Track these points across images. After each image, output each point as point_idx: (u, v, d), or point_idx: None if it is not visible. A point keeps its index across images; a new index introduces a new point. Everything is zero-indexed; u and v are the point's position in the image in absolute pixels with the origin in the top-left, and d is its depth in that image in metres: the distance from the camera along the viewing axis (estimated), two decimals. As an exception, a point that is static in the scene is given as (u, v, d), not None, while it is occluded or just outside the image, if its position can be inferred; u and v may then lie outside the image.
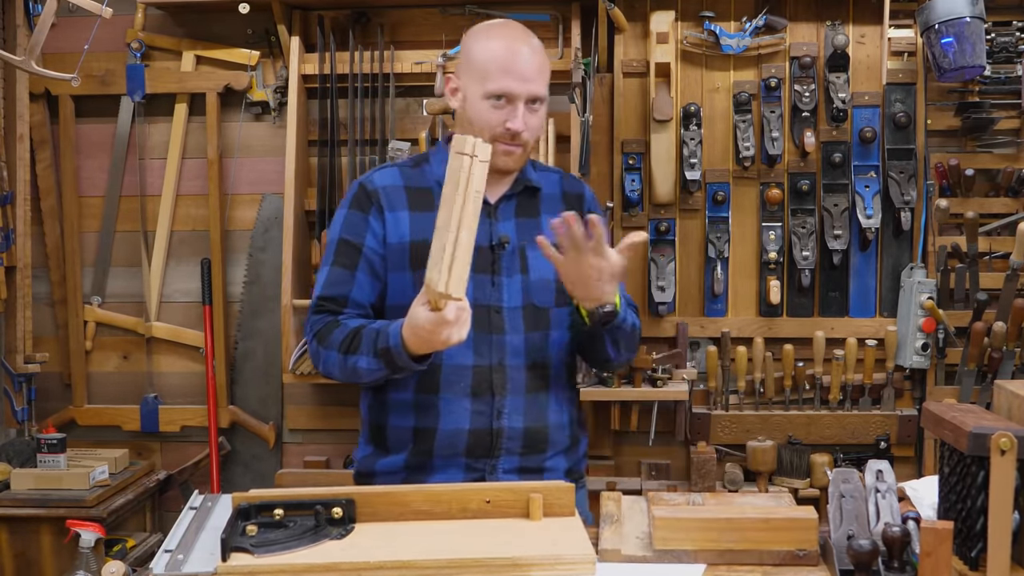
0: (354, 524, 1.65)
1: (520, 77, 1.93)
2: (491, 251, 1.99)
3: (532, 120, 1.97)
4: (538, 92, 1.96)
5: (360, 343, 1.88)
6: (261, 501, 1.64)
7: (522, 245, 2.01)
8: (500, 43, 1.96)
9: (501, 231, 2.00)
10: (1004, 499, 1.40)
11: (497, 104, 1.94)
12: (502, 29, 2.01)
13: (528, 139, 1.98)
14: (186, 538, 1.62)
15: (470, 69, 1.97)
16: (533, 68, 1.95)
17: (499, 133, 1.94)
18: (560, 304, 2.02)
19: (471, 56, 1.98)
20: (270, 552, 1.53)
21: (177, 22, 3.36)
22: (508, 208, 2.04)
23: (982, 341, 3.01)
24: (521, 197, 2.06)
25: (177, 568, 1.53)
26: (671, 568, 1.58)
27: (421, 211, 2.00)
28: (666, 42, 3.06)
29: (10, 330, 3.34)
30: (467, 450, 1.95)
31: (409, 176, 2.05)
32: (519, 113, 1.93)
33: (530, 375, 1.99)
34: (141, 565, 2.72)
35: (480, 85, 1.94)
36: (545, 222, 2.04)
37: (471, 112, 1.97)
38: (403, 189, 2.02)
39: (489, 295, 1.97)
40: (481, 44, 1.98)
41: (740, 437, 3.13)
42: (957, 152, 3.13)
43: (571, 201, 2.11)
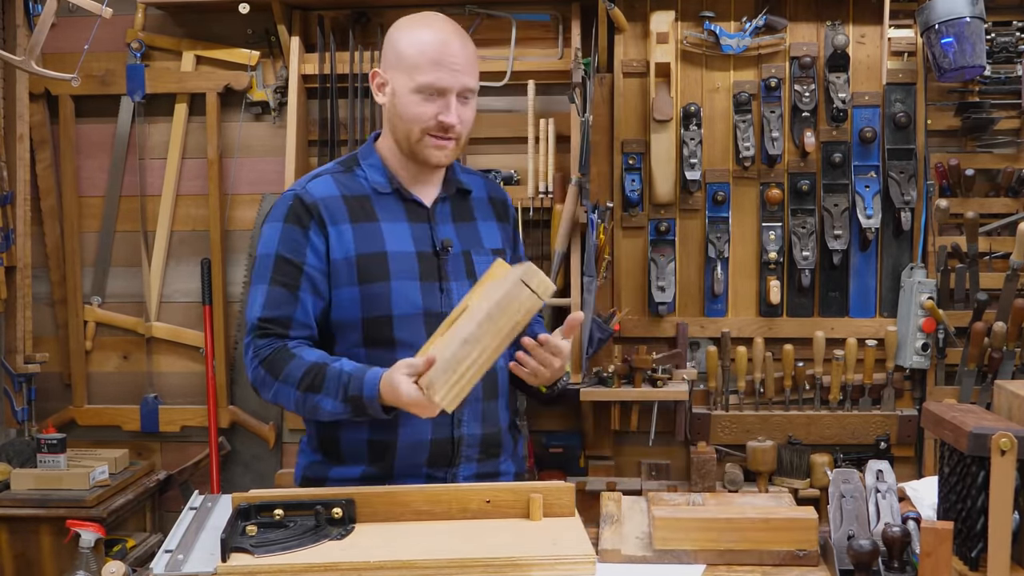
0: (354, 524, 1.65)
1: (451, 69, 1.86)
2: (435, 256, 1.93)
3: (465, 113, 1.90)
4: (470, 84, 1.90)
5: (323, 383, 1.81)
6: (261, 501, 1.65)
7: (467, 250, 1.97)
8: (429, 34, 1.89)
9: (442, 235, 1.95)
10: (1004, 499, 1.40)
11: (428, 97, 1.87)
12: (430, 20, 1.94)
13: (461, 132, 1.92)
14: (186, 538, 1.62)
15: (399, 62, 1.90)
16: (464, 59, 1.89)
17: (430, 127, 1.88)
18: None
19: (399, 49, 1.91)
20: (270, 552, 1.53)
21: (177, 22, 3.36)
22: (444, 211, 1.99)
23: (982, 341, 3.01)
24: (454, 200, 2.01)
25: (177, 568, 1.53)
26: (671, 568, 1.58)
27: (361, 222, 1.93)
28: (666, 42, 3.06)
29: (10, 330, 3.34)
30: (429, 460, 1.91)
31: (344, 184, 1.96)
32: (452, 106, 1.87)
33: (484, 381, 1.87)
34: (141, 565, 2.72)
35: (409, 78, 1.87)
36: (481, 227, 2.02)
37: (400, 107, 1.89)
38: (341, 199, 1.93)
39: (439, 301, 1.91)
40: (409, 36, 1.91)
41: (740, 437, 3.13)
42: (957, 152, 3.13)
43: (498, 206, 2.08)
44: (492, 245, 2.01)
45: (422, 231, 1.95)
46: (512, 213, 2.12)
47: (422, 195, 1.97)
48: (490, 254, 1.98)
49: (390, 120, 1.94)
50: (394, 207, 1.95)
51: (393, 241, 1.92)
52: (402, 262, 1.91)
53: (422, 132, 1.89)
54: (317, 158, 3.26)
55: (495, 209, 2.07)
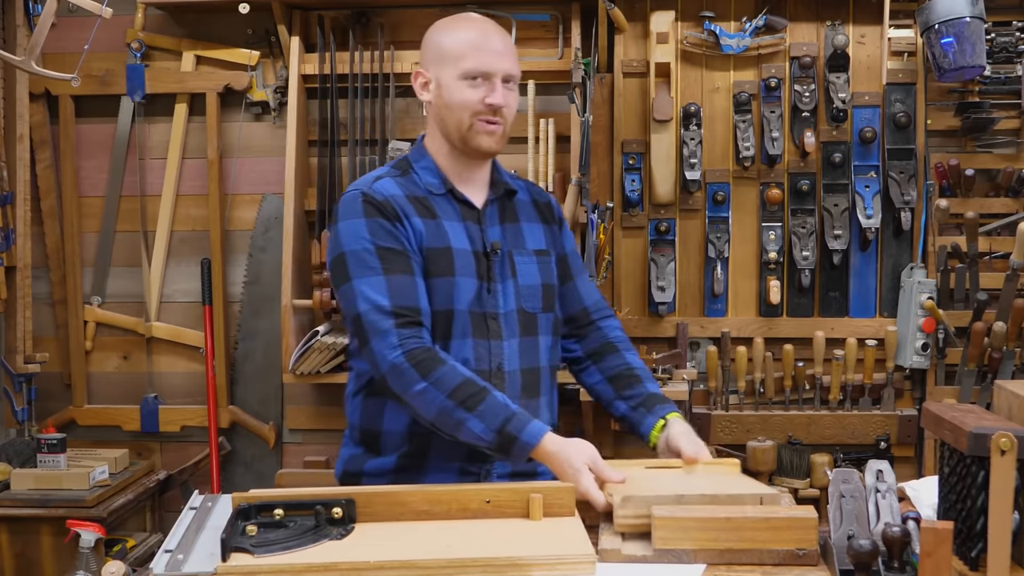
0: (354, 524, 1.65)
1: (495, 54, 1.93)
2: (485, 257, 1.97)
3: (510, 98, 1.96)
4: (512, 70, 1.96)
5: (481, 405, 1.78)
6: (261, 501, 1.64)
7: (510, 251, 2.00)
8: (469, 27, 1.98)
9: (491, 237, 1.99)
10: (1004, 499, 1.40)
11: (474, 83, 1.92)
12: (467, 17, 2.03)
13: (507, 117, 1.96)
14: (186, 538, 1.62)
15: (442, 56, 1.96)
16: (505, 46, 1.96)
17: (479, 110, 1.92)
18: (546, 309, 2.03)
19: (441, 44, 1.97)
20: (270, 552, 1.53)
21: (177, 22, 3.36)
22: (492, 213, 2.03)
23: (982, 341, 3.01)
24: (501, 202, 2.05)
25: (177, 568, 1.52)
26: (671, 568, 1.58)
27: (426, 218, 1.97)
28: (666, 42, 3.06)
29: (10, 330, 3.34)
30: (465, 454, 1.93)
31: (403, 185, 2.00)
32: (498, 87, 1.92)
33: (524, 380, 1.98)
34: (141, 565, 2.72)
35: (454, 67, 1.93)
36: (525, 228, 2.05)
37: (447, 97, 1.94)
38: (405, 198, 1.98)
39: (486, 302, 1.95)
40: (450, 32, 1.99)
41: (740, 437, 3.13)
42: (957, 152, 3.13)
43: (542, 209, 2.11)
44: (535, 246, 2.05)
45: (474, 231, 1.99)
46: (558, 214, 2.15)
47: (473, 196, 2.01)
48: (532, 255, 2.03)
49: (438, 114, 1.98)
50: (449, 207, 1.99)
51: (455, 238, 1.97)
52: (463, 259, 1.96)
53: (472, 117, 1.93)
54: (317, 158, 3.26)
55: (539, 212, 2.10)
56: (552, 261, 2.06)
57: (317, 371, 3.14)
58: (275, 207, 3.34)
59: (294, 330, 3.14)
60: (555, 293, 2.06)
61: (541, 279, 2.01)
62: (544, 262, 2.04)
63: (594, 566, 1.51)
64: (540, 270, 2.02)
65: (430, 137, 2.02)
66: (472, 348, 1.91)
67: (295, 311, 3.16)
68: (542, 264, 2.03)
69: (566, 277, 2.12)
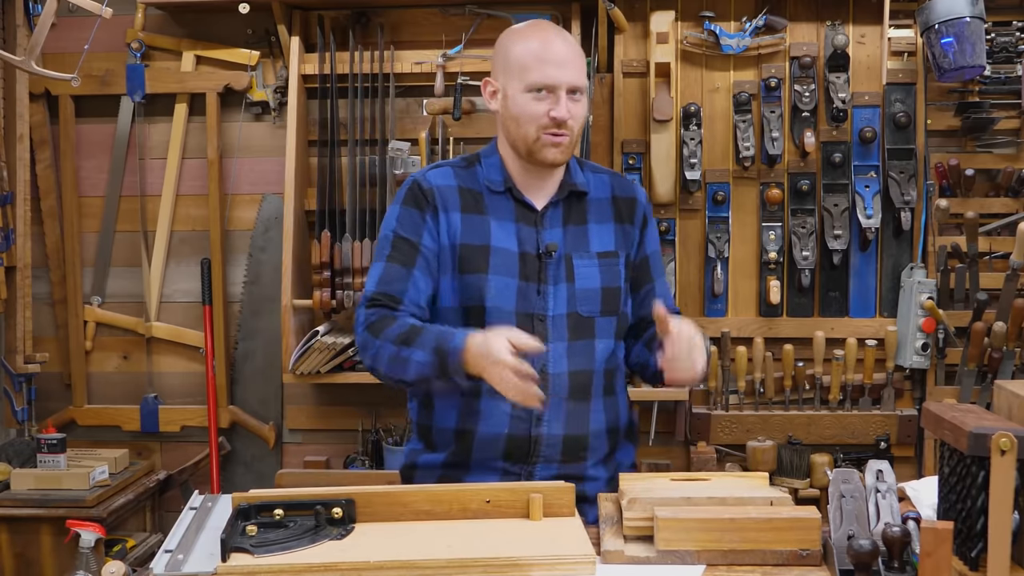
0: (354, 524, 1.65)
1: (559, 65, 1.93)
2: (538, 259, 1.97)
3: (576, 109, 1.96)
4: (577, 81, 1.95)
5: (419, 337, 1.84)
6: (261, 501, 1.64)
7: (568, 254, 2.00)
8: (535, 37, 1.97)
9: (548, 239, 1.99)
10: (1004, 499, 1.40)
11: (539, 96, 1.93)
12: (536, 26, 2.02)
13: (574, 128, 1.96)
14: (186, 538, 1.62)
15: (508, 67, 1.97)
16: (570, 57, 1.95)
17: (544, 124, 1.93)
18: (605, 313, 2.00)
19: (508, 54, 1.98)
20: (270, 552, 1.53)
21: (177, 22, 3.36)
22: (555, 215, 2.02)
23: (982, 341, 3.01)
24: (567, 202, 2.03)
25: (177, 568, 1.52)
26: (673, 569, 1.58)
27: (471, 213, 1.99)
28: (666, 42, 3.06)
29: (10, 330, 3.34)
30: (505, 454, 1.95)
31: (462, 177, 2.04)
32: (562, 100, 1.92)
33: (572, 383, 1.97)
34: (141, 565, 2.73)
35: (520, 80, 1.94)
36: (592, 230, 2.03)
37: (513, 108, 1.95)
38: (456, 190, 2.01)
39: (534, 303, 1.96)
40: (517, 41, 1.99)
41: (740, 437, 3.13)
42: (957, 152, 3.13)
43: (621, 206, 2.08)
44: (601, 248, 2.02)
45: (529, 233, 1.99)
46: (642, 212, 2.11)
47: (535, 198, 2.02)
48: (595, 257, 2.01)
49: (505, 125, 2.01)
50: (505, 206, 2.01)
51: (499, 237, 1.98)
52: (503, 258, 1.97)
53: (538, 130, 1.94)
54: (317, 158, 3.26)
55: (616, 209, 2.08)
56: (620, 263, 2.03)
57: (317, 371, 3.14)
58: (275, 207, 3.34)
59: (294, 330, 3.15)
60: (619, 295, 2.03)
61: (601, 282, 1.99)
62: (608, 264, 2.02)
63: (594, 566, 1.51)
64: (602, 273, 2.00)
65: (500, 142, 2.04)
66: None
67: (295, 311, 3.16)
68: (605, 267, 2.01)
69: (644, 280, 2.09)
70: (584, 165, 2.12)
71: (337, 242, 3.17)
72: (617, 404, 2.07)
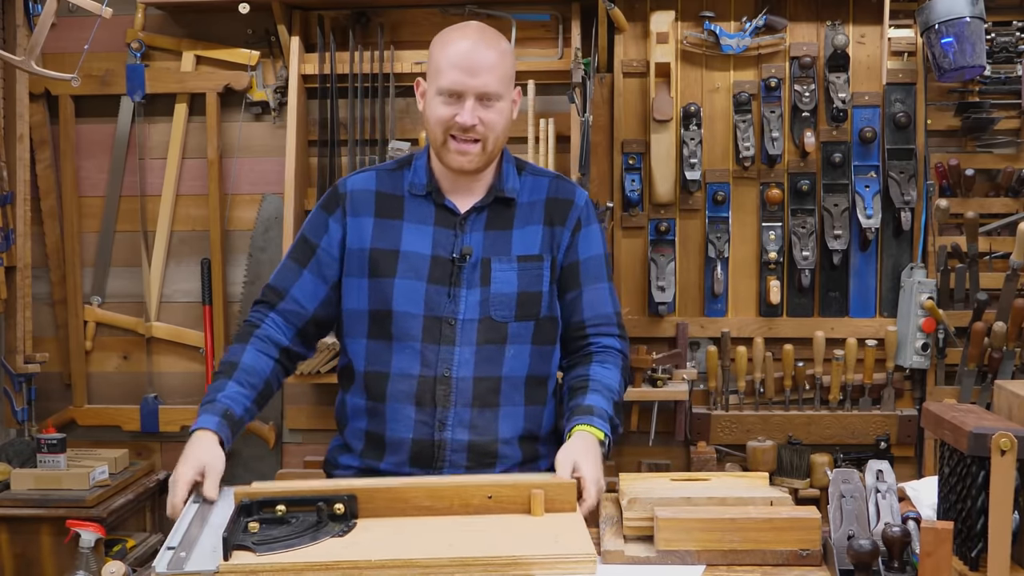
0: (356, 520, 1.65)
1: (469, 72, 1.90)
2: (451, 263, 1.96)
3: (488, 116, 1.92)
4: (488, 88, 1.92)
5: (213, 381, 1.96)
6: (263, 497, 1.65)
7: (487, 258, 1.98)
8: (455, 42, 1.95)
9: (465, 243, 1.98)
10: (1004, 499, 1.40)
11: (448, 100, 1.92)
12: (461, 30, 1.99)
13: (486, 136, 1.93)
14: (188, 534, 1.62)
15: (430, 69, 1.97)
16: (484, 64, 1.91)
17: (451, 127, 1.92)
18: (521, 318, 1.97)
19: (432, 56, 1.98)
20: (272, 550, 1.53)
21: (177, 22, 3.36)
22: (478, 220, 2.00)
23: (982, 341, 3.01)
24: (493, 208, 2.02)
25: (180, 567, 1.52)
26: (673, 569, 1.58)
27: (384, 218, 1.99)
28: (666, 42, 3.06)
29: (10, 330, 3.34)
30: (411, 459, 1.95)
31: (384, 181, 2.04)
32: (467, 107, 1.90)
33: (477, 388, 1.95)
34: (141, 565, 2.72)
35: (435, 83, 1.94)
36: (516, 234, 2.00)
37: (427, 110, 1.96)
38: (374, 194, 2.02)
39: (444, 307, 1.94)
40: (439, 44, 1.98)
41: (740, 437, 3.13)
42: (957, 152, 3.13)
43: (554, 207, 2.04)
44: (523, 252, 2.00)
45: (446, 237, 1.99)
46: (576, 215, 2.05)
47: (459, 202, 2.01)
48: (514, 261, 1.98)
49: (424, 125, 2.03)
50: (424, 210, 2.01)
51: (410, 242, 1.98)
52: (412, 262, 1.97)
53: (444, 134, 1.94)
54: (317, 158, 3.26)
55: (548, 211, 2.04)
56: (544, 266, 2.00)
57: (317, 371, 3.14)
58: (275, 207, 3.34)
59: (294, 330, 3.14)
60: (540, 299, 1.99)
61: (519, 287, 1.96)
62: (529, 268, 1.99)
63: (595, 564, 1.51)
64: (520, 277, 1.97)
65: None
66: (419, 352, 1.93)
67: (295, 311, 3.15)
68: (524, 271, 1.98)
69: (571, 286, 2.04)
70: (524, 168, 2.09)
71: (337, 242, 3.17)
72: (540, 411, 2.04)
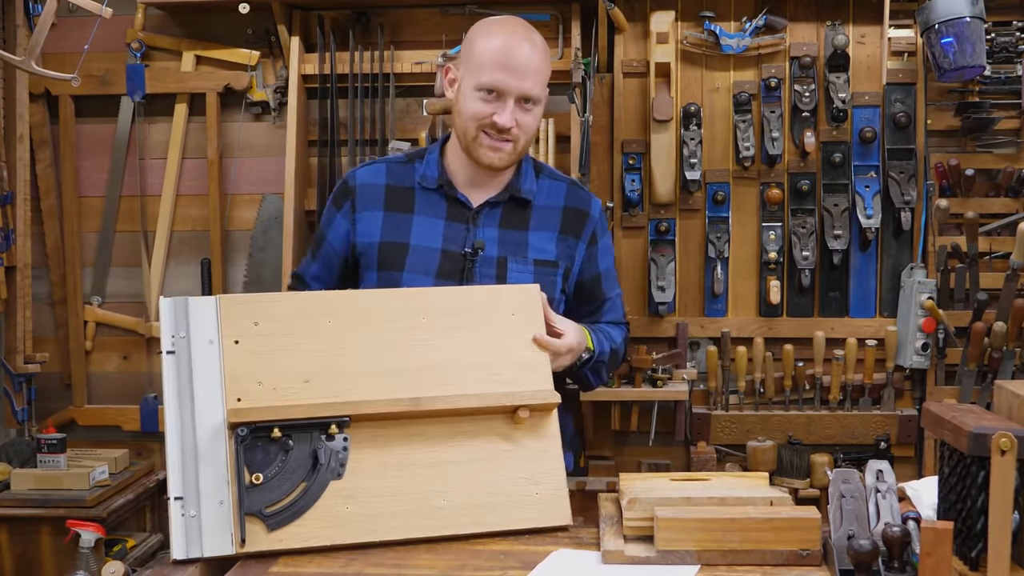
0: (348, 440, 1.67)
1: (514, 73, 1.90)
2: (463, 257, 1.97)
3: (524, 119, 1.93)
4: (531, 91, 1.92)
5: None
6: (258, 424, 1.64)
7: (504, 257, 1.98)
8: (500, 38, 1.94)
9: (478, 237, 1.98)
10: (1004, 499, 1.40)
11: (487, 97, 1.91)
12: (505, 25, 1.99)
13: (519, 137, 1.94)
14: (187, 475, 1.61)
15: (468, 60, 1.95)
16: (530, 66, 1.92)
17: (485, 125, 1.92)
18: None
19: (471, 47, 1.96)
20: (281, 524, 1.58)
21: (177, 22, 3.36)
22: (492, 216, 2.01)
23: (982, 341, 3.01)
24: (508, 206, 2.02)
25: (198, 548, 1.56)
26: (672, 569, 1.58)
27: (394, 211, 1.99)
28: (666, 42, 3.06)
29: (10, 330, 3.34)
30: None
31: (394, 174, 2.04)
32: (508, 108, 1.90)
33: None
34: (141, 565, 2.72)
35: (475, 77, 1.92)
36: (533, 236, 2.01)
37: (461, 102, 1.95)
38: (383, 188, 2.02)
39: None
40: (482, 36, 1.96)
41: (740, 437, 3.13)
42: (957, 152, 3.13)
43: (570, 217, 2.06)
44: (540, 256, 2.00)
45: (457, 231, 1.98)
46: (592, 227, 2.08)
47: (473, 196, 2.00)
48: (531, 264, 1.99)
49: (454, 115, 2.00)
50: (436, 203, 2.00)
51: (420, 235, 1.98)
52: (421, 256, 1.97)
53: (477, 130, 1.93)
54: (317, 158, 3.26)
55: (564, 220, 2.05)
56: (558, 274, 2.02)
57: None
58: (275, 207, 3.34)
59: (294, 330, 3.14)
60: (553, 307, 1.99)
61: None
62: (544, 274, 2.00)
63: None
64: (537, 281, 1.96)
65: (452, 135, 2.03)
66: None
67: (295, 311, 3.15)
68: (540, 276, 1.99)
69: (596, 296, 2.09)
70: (542, 171, 2.09)
71: (337, 242, 3.17)
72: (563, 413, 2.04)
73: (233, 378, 1.64)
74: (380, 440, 1.68)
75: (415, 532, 1.64)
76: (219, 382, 1.63)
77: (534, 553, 1.62)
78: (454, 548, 1.64)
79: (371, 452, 1.67)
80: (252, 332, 1.67)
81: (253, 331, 1.68)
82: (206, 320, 1.66)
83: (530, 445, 1.74)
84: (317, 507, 1.61)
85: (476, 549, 1.64)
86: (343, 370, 1.69)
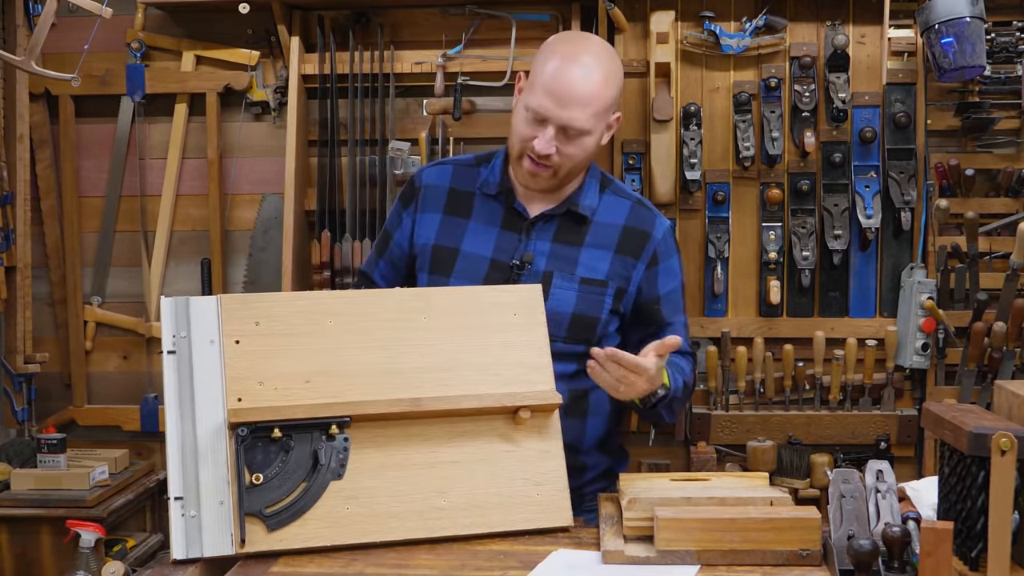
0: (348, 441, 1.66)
1: (559, 101, 1.84)
2: (510, 269, 1.93)
3: (567, 148, 1.87)
4: (573, 123, 1.85)
5: None
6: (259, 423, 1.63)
7: (549, 272, 1.94)
8: (556, 61, 1.87)
9: (528, 249, 1.95)
10: (1004, 499, 1.40)
11: (531, 119, 1.86)
12: (571, 45, 1.91)
13: (560, 165, 1.88)
14: (186, 474, 1.61)
15: (532, 74, 1.90)
16: (578, 96, 1.84)
17: (528, 147, 1.88)
18: (571, 340, 1.95)
19: (535, 63, 1.91)
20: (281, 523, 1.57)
21: (177, 22, 3.36)
22: (546, 229, 1.96)
23: (982, 341, 3.01)
24: (564, 220, 1.98)
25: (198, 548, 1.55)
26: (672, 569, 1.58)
27: (452, 215, 1.97)
28: (666, 42, 3.06)
29: (10, 330, 3.34)
30: None
31: (460, 176, 2.01)
32: (547, 136, 1.85)
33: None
34: (141, 565, 2.72)
35: (528, 94, 1.88)
36: (585, 253, 1.96)
37: (514, 117, 1.92)
38: (447, 191, 2.00)
39: None
40: (544, 53, 1.91)
41: (740, 437, 3.13)
42: (957, 152, 3.13)
43: (629, 238, 2.00)
44: (589, 274, 1.96)
45: (509, 240, 1.96)
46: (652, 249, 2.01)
47: (530, 207, 1.97)
48: (576, 282, 1.95)
49: (510, 127, 1.96)
50: (494, 210, 1.98)
51: (472, 242, 1.96)
52: (470, 263, 1.95)
53: (520, 150, 1.90)
54: (317, 158, 3.26)
55: (622, 239, 1.99)
56: (608, 293, 1.97)
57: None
58: (275, 207, 3.34)
59: (294, 330, 3.14)
60: (596, 326, 1.97)
61: (575, 309, 1.94)
62: (590, 292, 1.96)
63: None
64: (579, 299, 1.94)
65: None
66: None
67: (295, 311, 3.15)
68: (585, 294, 1.95)
69: (655, 321, 2.01)
70: (608, 186, 2.03)
71: (337, 242, 3.17)
72: (580, 424, 2.02)
73: (234, 378, 1.64)
74: (381, 440, 1.68)
75: (415, 532, 1.64)
76: (220, 382, 1.64)
77: (534, 553, 1.62)
78: (454, 548, 1.64)
79: (372, 452, 1.67)
80: (253, 332, 1.68)
81: (254, 331, 1.68)
82: (207, 320, 1.66)
83: (531, 446, 1.74)
84: (317, 507, 1.61)
85: (476, 549, 1.65)
86: (344, 370, 1.69)
